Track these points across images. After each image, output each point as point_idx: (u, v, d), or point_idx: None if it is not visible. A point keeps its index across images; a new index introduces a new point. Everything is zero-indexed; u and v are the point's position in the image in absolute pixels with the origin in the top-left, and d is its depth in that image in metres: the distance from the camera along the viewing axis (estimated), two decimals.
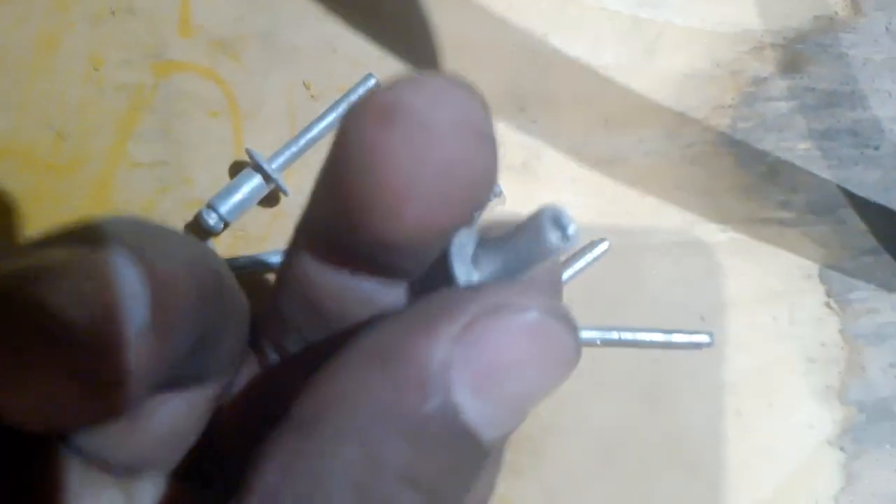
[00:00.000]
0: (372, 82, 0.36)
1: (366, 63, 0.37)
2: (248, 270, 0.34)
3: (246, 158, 0.35)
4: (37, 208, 0.34)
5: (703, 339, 0.36)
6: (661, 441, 0.36)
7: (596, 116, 0.37)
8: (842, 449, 0.37)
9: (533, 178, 0.37)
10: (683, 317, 0.37)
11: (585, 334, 0.36)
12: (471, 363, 0.13)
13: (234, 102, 0.36)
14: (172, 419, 0.16)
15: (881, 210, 0.39)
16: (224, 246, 0.35)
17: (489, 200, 0.15)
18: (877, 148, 0.39)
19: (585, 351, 0.36)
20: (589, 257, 0.36)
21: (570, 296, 0.36)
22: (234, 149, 0.35)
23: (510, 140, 0.37)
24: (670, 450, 0.36)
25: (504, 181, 0.36)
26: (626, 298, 0.37)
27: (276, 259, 0.34)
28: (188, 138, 0.35)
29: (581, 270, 0.36)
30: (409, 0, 0.37)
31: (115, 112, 0.35)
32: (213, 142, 0.35)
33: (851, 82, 0.39)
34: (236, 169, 0.35)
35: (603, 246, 0.36)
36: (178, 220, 0.35)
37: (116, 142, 0.35)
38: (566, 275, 0.35)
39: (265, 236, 0.35)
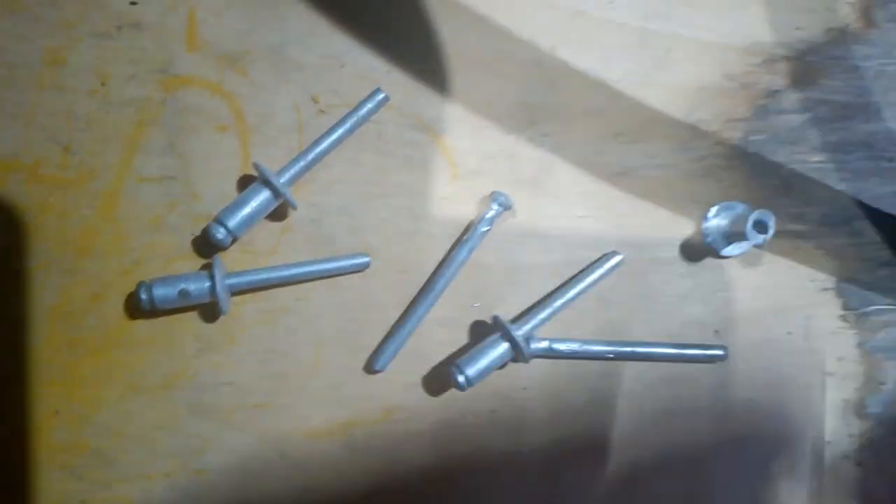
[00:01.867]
0: (381, 97, 0.36)
1: (374, 78, 0.36)
2: (256, 285, 0.34)
3: (253, 173, 0.35)
4: (44, 222, 0.33)
5: (717, 353, 0.36)
6: (671, 453, 0.35)
7: (607, 130, 0.37)
8: (859, 464, 0.36)
9: (544, 191, 0.36)
10: (697, 330, 0.36)
11: (598, 348, 0.35)
12: None
13: (242, 117, 0.36)
14: None
15: None
16: (231, 260, 0.34)
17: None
18: (891, 160, 0.38)
19: (598, 365, 0.36)
20: (602, 270, 0.35)
21: (583, 308, 0.36)
22: (242, 163, 0.35)
23: (521, 154, 0.37)
24: (683, 463, 0.35)
25: (515, 195, 0.36)
26: (640, 311, 0.36)
27: (286, 273, 0.34)
28: (196, 153, 0.35)
29: (594, 283, 0.35)
30: (418, 15, 0.37)
31: (123, 127, 0.35)
32: (221, 156, 0.35)
33: (865, 94, 0.38)
34: (244, 183, 0.35)
35: (616, 259, 0.36)
36: (185, 234, 0.34)
37: (124, 156, 0.34)
38: (579, 288, 0.35)
39: (273, 250, 0.35)
